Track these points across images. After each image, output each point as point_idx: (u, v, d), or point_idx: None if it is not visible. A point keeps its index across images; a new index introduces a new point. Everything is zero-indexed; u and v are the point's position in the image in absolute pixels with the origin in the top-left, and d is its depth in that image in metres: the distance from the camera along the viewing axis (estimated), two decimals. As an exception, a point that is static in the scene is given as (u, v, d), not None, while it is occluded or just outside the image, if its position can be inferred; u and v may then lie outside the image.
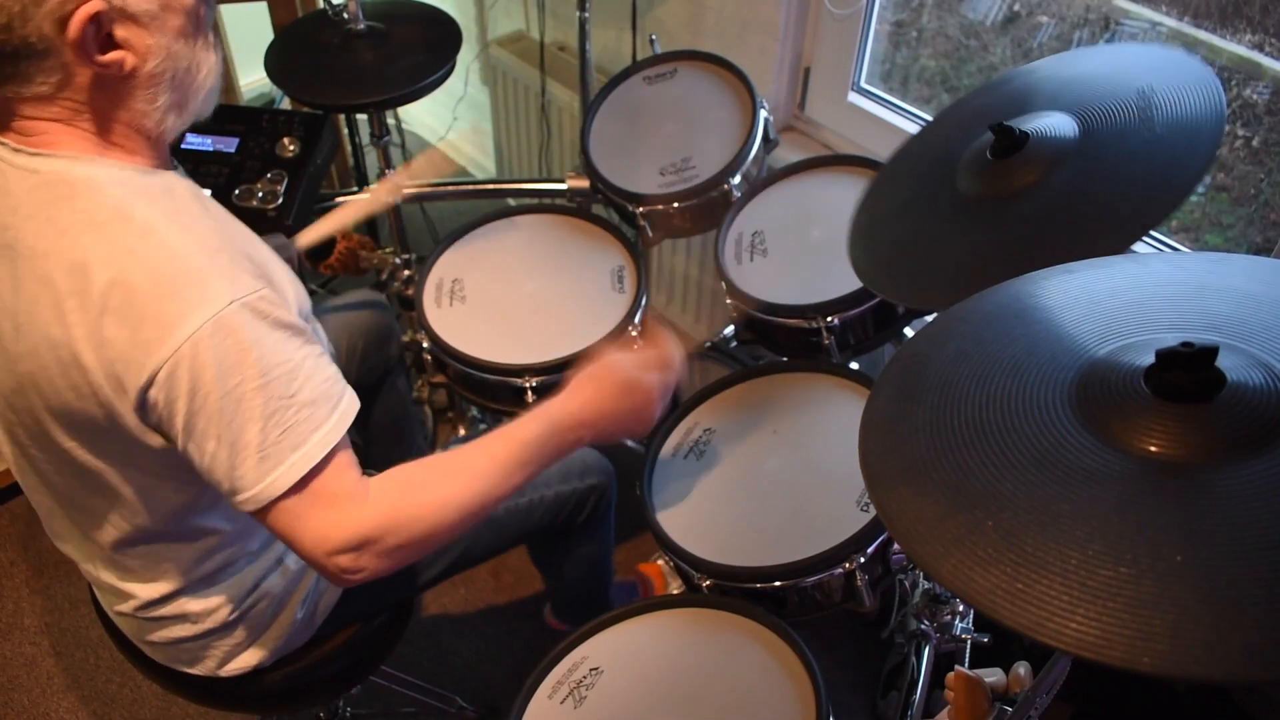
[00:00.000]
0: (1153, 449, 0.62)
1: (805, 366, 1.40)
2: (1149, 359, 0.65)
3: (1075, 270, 0.80)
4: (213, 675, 1.18)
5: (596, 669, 1.13)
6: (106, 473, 0.98)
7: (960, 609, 1.35)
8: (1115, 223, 0.89)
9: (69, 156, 0.89)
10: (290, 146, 1.67)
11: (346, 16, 1.68)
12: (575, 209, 1.73)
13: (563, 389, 1.12)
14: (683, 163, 1.61)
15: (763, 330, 1.49)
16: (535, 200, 1.97)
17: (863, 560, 1.13)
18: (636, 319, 1.50)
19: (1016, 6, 1.61)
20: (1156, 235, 1.53)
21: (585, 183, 1.72)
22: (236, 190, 1.62)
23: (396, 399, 1.72)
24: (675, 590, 1.71)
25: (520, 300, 1.58)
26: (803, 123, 1.93)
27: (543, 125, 2.34)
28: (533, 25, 2.36)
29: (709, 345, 1.91)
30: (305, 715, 1.64)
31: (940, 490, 0.66)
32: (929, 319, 1.23)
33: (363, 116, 2.35)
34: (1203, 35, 1.38)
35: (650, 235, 1.61)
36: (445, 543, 1.01)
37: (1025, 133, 0.99)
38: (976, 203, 1.03)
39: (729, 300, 1.50)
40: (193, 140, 1.67)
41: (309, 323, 1.04)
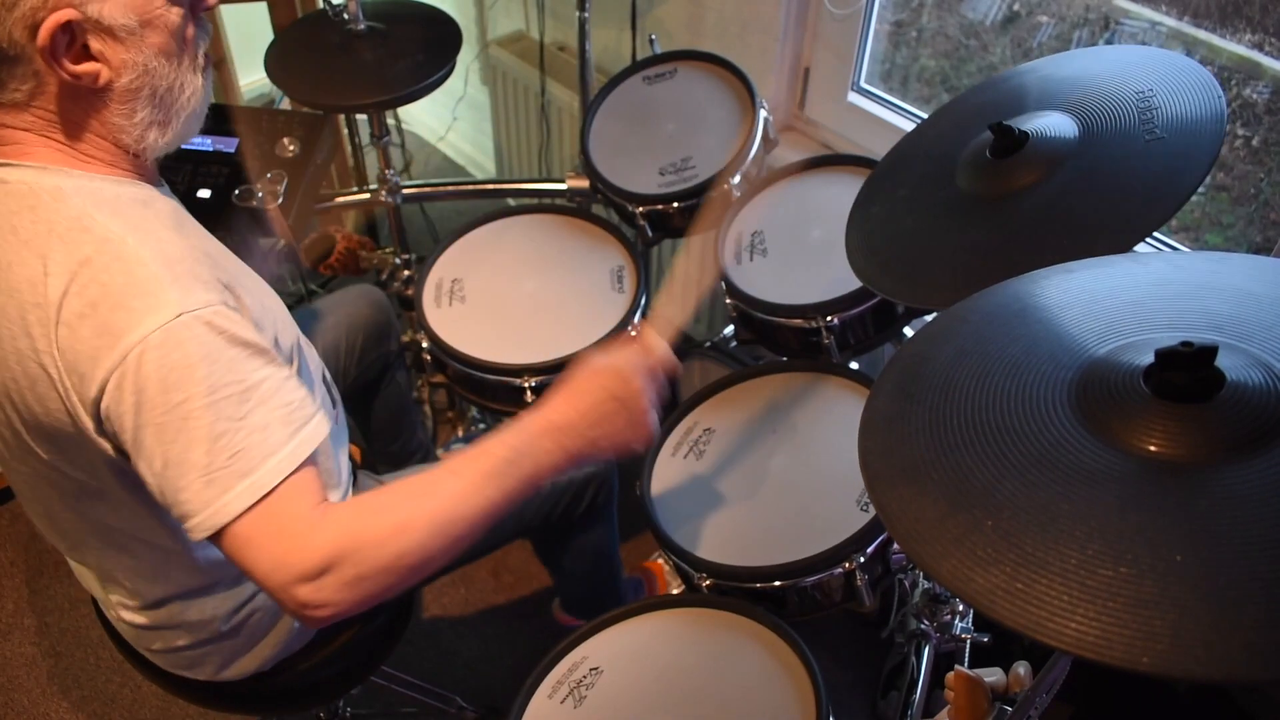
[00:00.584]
0: (1152, 449, 0.62)
1: (805, 366, 1.40)
2: (1149, 359, 0.65)
3: (1075, 270, 0.80)
4: (212, 680, 1.17)
5: (596, 669, 1.13)
6: (89, 486, 0.96)
7: (960, 609, 1.36)
8: (1116, 226, 0.89)
9: (38, 167, 0.88)
10: (290, 146, 1.67)
11: (346, 17, 1.68)
12: (575, 209, 1.73)
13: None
14: (683, 163, 1.61)
15: (762, 330, 1.49)
16: (535, 200, 1.97)
17: (863, 560, 1.13)
18: (636, 319, 1.50)
19: (1016, 6, 1.60)
20: (1156, 234, 1.53)
21: (585, 183, 1.72)
22: (236, 190, 1.62)
23: (396, 394, 1.72)
24: (676, 589, 1.71)
25: (520, 300, 1.58)
26: (802, 122, 1.93)
27: (542, 125, 2.34)
28: (533, 25, 2.36)
29: (709, 345, 1.91)
30: (305, 715, 1.64)
31: (940, 490, 0.66)
32: (929, 319, 1.23)
33: (363, 116, 2.35)
34: (1202, 35, 1.38)
35: (650, 235, 1.61)
36: (418, 570, 0.90)
37: (1025, 133, 0.99)
38: (976, 202, 1.03)
39: (729, 300, 1.49)
40: (193, 140, 1.66)
41: (292, 345, 1.01)
